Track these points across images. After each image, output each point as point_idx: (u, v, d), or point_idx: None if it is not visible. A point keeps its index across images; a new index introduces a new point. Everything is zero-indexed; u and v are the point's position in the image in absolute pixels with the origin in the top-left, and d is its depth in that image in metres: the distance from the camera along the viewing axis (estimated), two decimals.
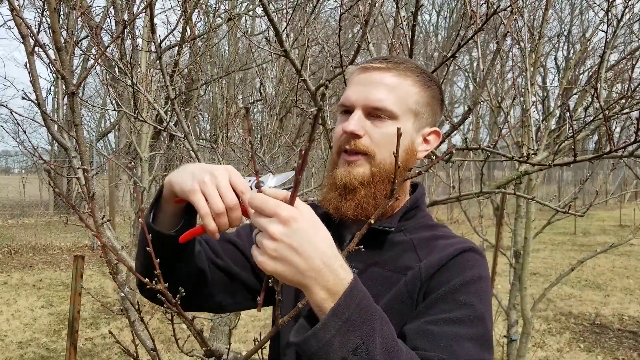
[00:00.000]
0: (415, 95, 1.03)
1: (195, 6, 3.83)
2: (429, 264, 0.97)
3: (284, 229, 0.74)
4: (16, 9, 1.49)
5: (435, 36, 21.87)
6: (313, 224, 0.77)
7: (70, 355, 2.62)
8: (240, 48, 11.20)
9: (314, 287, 0.75)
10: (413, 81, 1.03)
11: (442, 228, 1.08)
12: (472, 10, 1.86)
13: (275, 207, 0.75)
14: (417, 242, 1.03)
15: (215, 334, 3.21)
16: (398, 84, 1.02)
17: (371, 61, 1.04)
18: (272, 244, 0.74)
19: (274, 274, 0.76)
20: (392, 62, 1.03)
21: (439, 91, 1.09)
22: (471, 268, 0.95)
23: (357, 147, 1.01)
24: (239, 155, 4.73)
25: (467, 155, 2.94)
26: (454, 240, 1.02)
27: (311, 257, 0.75)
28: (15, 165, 21.88)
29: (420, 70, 1.07)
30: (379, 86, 1.01)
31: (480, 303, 0.92)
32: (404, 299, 0.96)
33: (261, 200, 0.76)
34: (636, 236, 3.77)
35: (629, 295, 7.70)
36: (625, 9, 2.78)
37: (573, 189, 15.58)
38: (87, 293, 2.19)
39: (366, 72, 1.03)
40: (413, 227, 1.06)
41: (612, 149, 1.73)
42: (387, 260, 1.01)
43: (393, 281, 0.98)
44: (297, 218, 0.75)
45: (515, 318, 3.98)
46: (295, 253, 0.74)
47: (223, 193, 0.87)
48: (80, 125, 1.45)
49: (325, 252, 0.76)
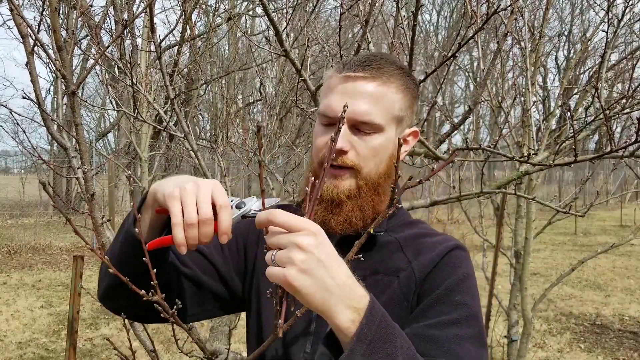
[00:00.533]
0: (399, 101, 1.01)
1: (195, 6, 3.83)
2: (422, 266, 0.98)
3: (314, 241, 0.73)
4: (16, 8, 1.48)
5: (435, 36, 21.89)
6: (330, 242, 0.77)
7: (70, 356, 2.61)
8: (240, 48, 11.20)
9: (339, 305, 0.74)
10: (396, 87, 1.01)
11: (422, 224, 1.11)
12: (472, 10, 1.86)
13: (302, 222, 0.74)
14: (403, 242, 1.03)
15: (215, 334, 3.20)
16: (383, 93, 0.99)
17: (353, 68, 0.99)
18: (301, 255, 0.72)
19: (300, 291, 0.72)
20: (375, 68, 0.99)
21: (416, 89, 1.08)
22: (460, 266, 0.98)
23: (344, 162, 0.98)
24: (238, 155, 4.72)
25: (468, 155, 2.93)
26: (438, 238, 1.04)
27: (337, 275, 0.74)
28: (14, 165, 21.89)
29: (401, 70, 1.04)
30: (364, 97, 0.97)
31: (473, 301, 0.95)
32: (400, 302, 0.97)
33: (286, 215, 0.74)
34: (637, 236, 3.77)
35: (630, 296, 7.69)
36: (625, 9, 2.78)
37: (574, 189, 15.56)
38: (87, 293, 2.18)
39: (349, 81, 0.99)
40: (395, 225, 1.07)
41: (612, 149, 1.73)
42: (377, 263, 1.01)
43: (385, 284, 0.99)
44: (322, 233, 0.75)
45: (515, 318, 3.97)
46: (323, 267, 0.73)
47: (200, 204, 0.83)
48: (80, 125, 1.45)
49: (346, 271, 0.76)
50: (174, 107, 2.12)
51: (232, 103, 9.15)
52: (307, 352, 0.98)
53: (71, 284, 2.63)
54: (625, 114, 2.46)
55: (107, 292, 1.02)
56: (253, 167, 3.71)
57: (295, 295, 0.74)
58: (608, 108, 2.41)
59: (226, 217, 0.83)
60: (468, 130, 6.60)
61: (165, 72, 2.10)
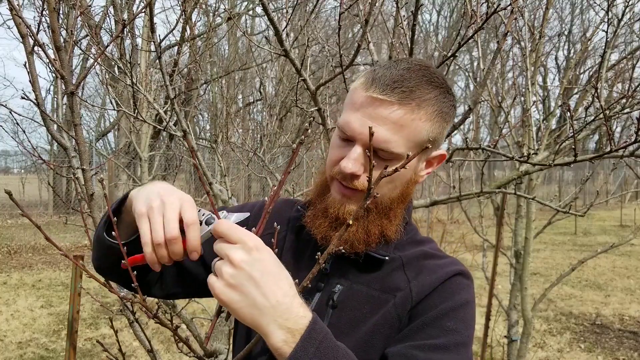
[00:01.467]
0: (426, 130, 0.92)
1: (195, 5, 3.83)
2: (420, 287, 0.94)
3: (246, 257, 0.72)
4: (15, 8, 1.48)
5: (435, 35, 21.88)
6: (276, 260, 0.75)
7: (70, 356, 2.61)
8: (240, 47, 11.20)
9: (271, 325, 0.71)
10: (427, 115, 0.92)
11: (430, 243, 1.05)
12: (472, 10, 1.86)
13: (242, 235, 0.74)
14: (406, 261, 0.99)
15: (215, 334, 3.20)
16: (408, 121, 0.90)
17: (382, 88, 0.90)
18: (231, 269, 0.71)
19: (227, 305, 0.72)
20: (406, 92, 0.90)
21: (453, 110, 0.98)
22: (459, 293, 0.94)
23: (355, 186, 0.94)
24: (238, 155, 4.72)
25: (468, 155, 2.93)
26: (443, 262, 0.99)
27: (271, 292, 0.71)
28: (14, 165, 21.89)
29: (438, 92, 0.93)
30: (386, 123, 0.89)
31: (466, 329, 0.91)
32: (392, 323, 0.93)
33: (227, 226, 0.74)
34: (637, 236, 3.77)
35: (630, 296, 7.69)
36: (625, 9, 2.78)
37: (574, 188, 15.56)
38: (87, 293, 2.18)
39: (373, 105, 0.90)
40: (402, 242, 1.02)
41: (612, 149, 1.72)
42: (374, 279, 0.97)
43: (381, 302, 0.95)
44: (262, 249, 0.73)
45: (515, 318, 3.97)
46: (254, 284, 0.71)
47: (166, 223, 0.81)
48: (79, 125, 1.45)
49: (285, 290, 0.73)
50: (174, 107, 2.12)
51: (232, 103, 9.15)
52: None
53: (71, 283, 2.63)
54: (625, 113, 2.46)
55: (98, 270, 1.05)
56: (253, 167, 3.71)
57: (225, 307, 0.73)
58: (608, 108, 2.41)
59: (194, 235, 0.81)
60: (468, 130, 6.61)
61: (165, 72, 2.10)
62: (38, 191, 14.72)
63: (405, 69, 0.92)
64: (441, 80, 0.95)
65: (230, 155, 5.36)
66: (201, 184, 0.89)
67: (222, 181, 3.11)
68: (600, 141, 5.91)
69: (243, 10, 12.40)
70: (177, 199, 0.83)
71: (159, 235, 0.80)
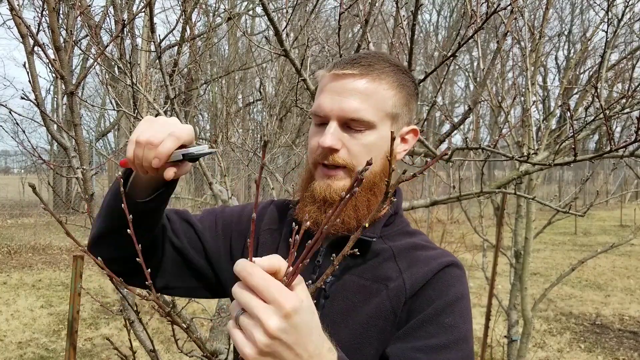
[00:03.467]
0: (392, 98, 0.98)
1: (195, 6, 3.83)
2: (413, 279, 0.95)
3: (283, 325, 0.63)
4: (15, 8, 1.48)
5: (435, 35, 21.88)
6: (311, 312, 0.68)
7: (70, 356, 2.61)
8: (240, 48, 11.20)
9: None
10: (388, 84, 0.98)
11: (420, 235, 1.07)
12: (472, 10, 1.86)
13: (278, 294, 0.63)
14: (397, 251, 1.00)
15: (215, 334, 3.20)
16: (373, 90, 0.96)
17: (342, 66, 0.98)
18: (266, 340, 0.63)
19: None
20: (365, 65, 0.97)
21: (414, 87, 1.05)
22: (454, 285, 0.95)
23: (336, 161, 0.97)
24: (238, 155, 4.72)
25: (468, 155, 2.93)
26: (434, 253, 1.00)
27: (305, 352, 0.67)
28: (14, 165, 21.90)
29: (395, 67, 1.01)
30: (353, 94, 0.95)
31: (464, 323, 0.92)
32: (387, 316, 0.93)
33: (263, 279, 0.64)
34: (637, 236, 3.77)
35: (630, 296, 7.70)
36: (625, 9, 2.78)
37: (573, 188, 15.56)
38: (87, 293, 2.18)
39: (338, 80, 0.97)
40: (392, 233, 1.04)
41: (612, 149, 1.73)
42: (366, 269, 0.98)
43: (372, 291, 0.96)
44: (299, 311, 0.65)
45: (515, 318, 3.98)
46: (288, 350, 0.65)
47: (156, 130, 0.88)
48: (79, 125, 1.45)
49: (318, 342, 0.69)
50: (174, 107, 2.12)
51: (232, 103, 9.15)
52: None
53: (71, 283, 2.63)
54: (625, 113, 2.46)
55: (94, 240, 1.04)
56: (253, 166, 3.71)
57: None
58: (608, 108, 2.41)
59: (165, 144, 0.87)
60: (468, 130, 6.60)
61: (165, 72, 2.10)
62: (38, 191, 14.69)
63: (363, 53, 1.03)
64: (396, 61, 1.04)
65: (230, 155, 5.36)
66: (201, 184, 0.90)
67: (222, 181, 3.11)
68: (600, 141, 5.92)
69: (243, 10, 12.41)
70: (176, 123, 0.91)
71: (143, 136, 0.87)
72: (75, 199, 13.41)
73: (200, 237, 1.11)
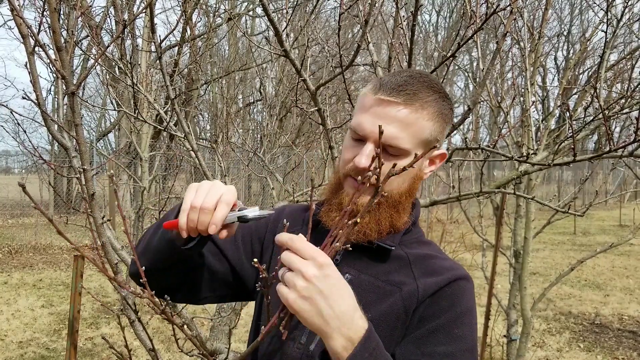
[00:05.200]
0: (430, 128, 1.03)
1: (195, 6, 3.84)
2: (426, 285, 1.01)
3: (318, 272, 0.81)
4: (16, 9, 1.49)
5: (435, 36, 21.88)
6: (340, 276, 0.85)
7: (71, 355, 2.62)
8: (240, 48, 11.21)
9: (334, 333, 0.82)
10: (429, 114, 1.03)
11: (434, 246, 1.14)
12: (471, 10, 1.86)
13: (313, 251, 0.83)
14: (413, 259, 1.06)
15: (215, 334, 3.20)
16: (413, 120, 1.01)
17: (388, 92, 1.01)
18: (304, 283, 0.81)
19: (298, 313, 0.82)
20: (410, 94, 1.01)
21: (451, 112, 1.10)
22: (464, 299, 1.01)
23: (366, 181, 1.01)
24: (238, 155, 4.73)
25: (467, 155, 2.94)
26: (447, 264, 1.06)
27: (337, 305, 0.82)
28: (15, 165, 21.91)
29: (437, 96, 1.05)
30: (394, 122, 1.00)
31: (471, 335, 0.99)
32: (399, 314, 1.00)
33: (302, 243, 0.84)
34: (636, 236, 3.78)
35: (629, 295, 7.70)
36: (625, 9, 2.78)
37: (573, 188, 15.56)
38: (87, 293, 2.19)
39: (382, 105, 1.02)
40: (409, 241, 1.10)
41: (611, 149, 1.73)
42: (381, 272, 1.05)
43: (386, 292, 1.02)
44: (330, 265, 0.83)
45: (515, 318, 3.98)
46: (323, 297, 0.81)
47: (208, 197, 0.93)
48: (80, 125, 1.45)
49: (349, 302, 0.84)
50: (174, 107, 2.13)
51: (232, 103, 9.16)
52: (302, 344, 1.01)
53: (72, 283, 2.63)
54: (624, 113, 2.47)
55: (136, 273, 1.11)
56: (253, 167, 3.72)
57: (295, 315, 0.83)
58: (607, 108, 2.42)
59: (220, 211, 0.93)
60: (467, 130, 6.60)
61: (166, 72, 2.11)
62: (39, 191, 14.71)
63: (408, 76, 1.05)
64: (439, 86, 1.07)
65: (230, 155, 5.37)
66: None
67: (222, 181, 3.11)
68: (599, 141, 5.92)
69: (243, 10, 12.42)
70: (223, 185, 0.97)
71: (196, 200, 0.93)
72: (76, 199, 13.42)
73: (221, 249, 1.18)
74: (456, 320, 0.98)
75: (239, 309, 3.08)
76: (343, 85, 2.16)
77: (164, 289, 1.06)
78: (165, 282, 1.08)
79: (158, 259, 1.05)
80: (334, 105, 8.06)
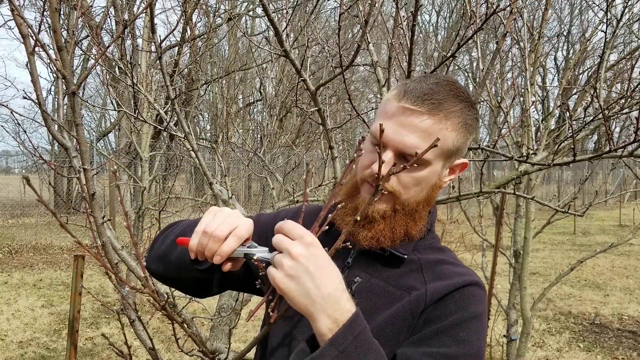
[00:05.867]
0: (452, 139, 1.01)
1: (195, 6, 3.84)
2: (435, 289, 0.99)
3: (304, 251, 0.82)
4: (17, 8, 1.49)
5: (435, 36, 21.87)
6: (329, 258, 0.85)
7: (71, 355, 2.62)
8: (240, 48, 11.20)
9: (320, 314, 0.81)
10: (453, 125, 1.00)
11: (449, 252, 1.11)
12: (471, 10, 1.87)
13: (302, 232, 0.84)
14: (425, 264, 1.04)
15: (215, 334, 3.21)
16: (436, 130, 0.98)
17: (413, 100, 0.98)
18: (290, 262, 0.82)
19: (285, 293, 0.83)
20: (435, 104, 0.98)
21: (476, 122, 1.06)
22: (473, 304, 0.98)
23: (384, 187, 0.99)
24: (238, 155, 4.73)
25: (467, 155, 2.94)
26: (460, 270, 1.04)
27: (323, 285, 0.82)
28: (15, 165, 21.92)
29: (463, 105, 1.01)
30: (416, 131, 0.97)
31: (478, 340, 0.95)
32: (405, 317, 0.98)
33: (291, 224, 0.86)
34: (635, 236, 3.78)
35: (629, 295, 7.70)
36: (624, 9, 2.78)
37: (572, 188, 15.57)
38: (87, 293, 2.19)
39: (405, 113, 0.98)
40: (422, 247, 1.08)
41: (611, 149, 1.74)
42: (392, 276, 1.03)
43: (396, 297, 1.00)
44: (317, 245, 0.84)
45: (514, 318, 3.98)
46: (310, 277, 0.81)
47: (221, 225, 0.94)
48: (80, 125, 1.46)
49: (336, 284, 0.84)
50: (175, 107, 2.13)
51: (233, 103, 9.16)
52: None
53: (72, 283, 2.64)
54: (624, 113, 2.47)
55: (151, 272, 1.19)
56: (253, 167, 3.72)
57: (283, 295, 0.84)
58: (607, 108, 2.42)
59: (228, 244, 0.93)
60: None
61: (166, 73, 2.11)
62: (39, 191, 14.69)
63: (434, 83, 1.01)
64: (466, 95, 1.04)
65: (230, 155, 5.37)
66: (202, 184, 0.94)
67: (222, 181, 3.12)
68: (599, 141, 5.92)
69: (243, 11, 12.42)
70: (239, 217, 0.97)
71: (210, 227, 0.93)
72: (76, 199, 13.42)
73: None
74: (462, 324, 0.95)
75: (239, 309, 3.08)
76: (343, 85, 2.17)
77: (176, 288, 1.14)
78: (178, 285, 1.14)
79: (174, 270, 1.09)
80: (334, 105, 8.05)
